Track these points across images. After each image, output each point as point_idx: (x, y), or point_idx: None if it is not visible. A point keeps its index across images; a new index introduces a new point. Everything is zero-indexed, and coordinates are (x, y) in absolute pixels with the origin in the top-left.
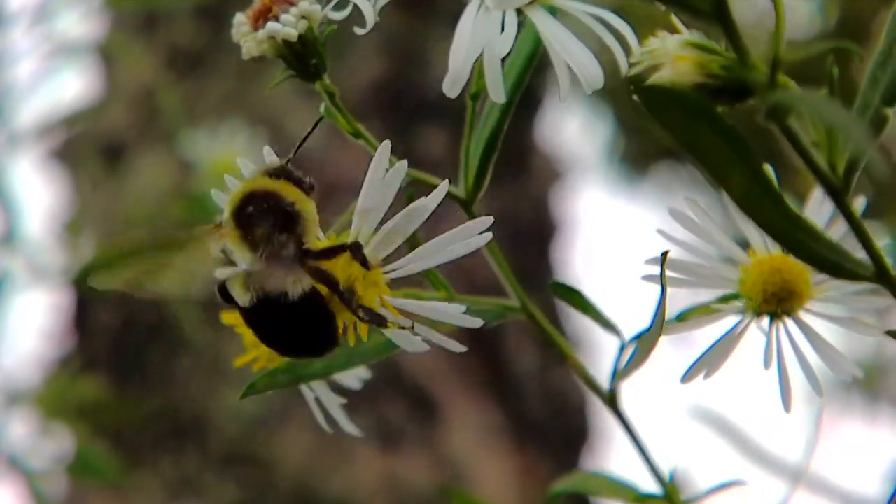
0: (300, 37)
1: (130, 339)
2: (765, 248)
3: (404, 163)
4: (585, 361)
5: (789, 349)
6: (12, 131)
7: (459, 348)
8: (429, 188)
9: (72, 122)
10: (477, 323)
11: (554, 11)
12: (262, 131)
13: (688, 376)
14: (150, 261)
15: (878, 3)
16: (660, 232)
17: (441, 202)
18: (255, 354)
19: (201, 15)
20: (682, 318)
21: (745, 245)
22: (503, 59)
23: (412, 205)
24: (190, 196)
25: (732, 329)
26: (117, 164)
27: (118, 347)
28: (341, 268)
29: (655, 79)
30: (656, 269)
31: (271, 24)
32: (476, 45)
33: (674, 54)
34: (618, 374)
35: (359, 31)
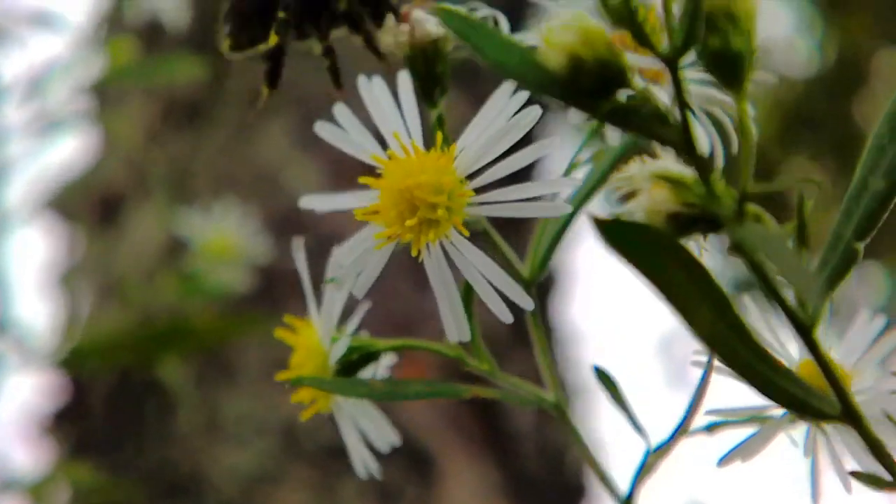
0: (434, 41)
1: (126, 395)
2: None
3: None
4: (584, 411)
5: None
6: (4, 210)
7: (529, 304)
8: None
9: (67, 181)
10: (529, 304)
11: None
12: (260, 186)
13: (725, 461)
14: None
15: (877, 42)
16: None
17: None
18: (296, 373)
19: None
20: (713, 429)
21: None
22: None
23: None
24: (182, 274)
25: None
26: (113, 217)
27: (113, 404)
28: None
29: (632, 206)
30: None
31: (416, 15)
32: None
33: (651, 182)
34: (638, 480)
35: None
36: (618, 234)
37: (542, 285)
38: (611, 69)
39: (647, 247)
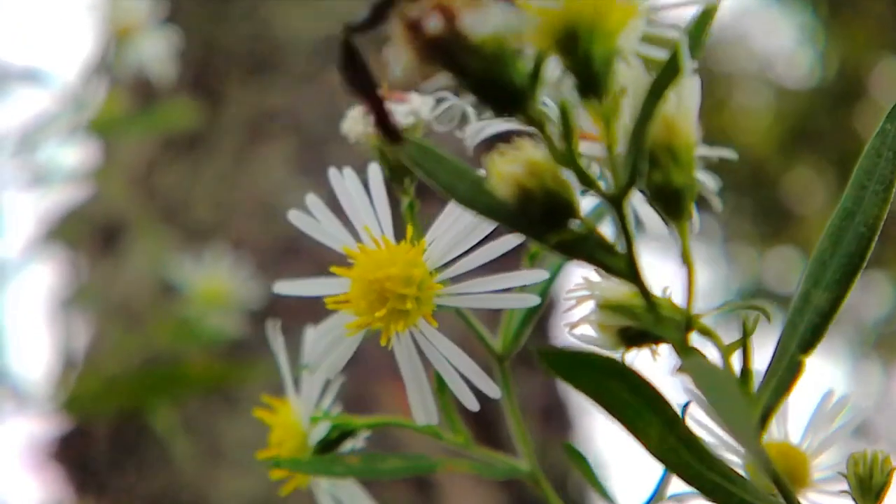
0: (404, 131)
1: (128, 422)
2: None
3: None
4: (588, 431)
5: None
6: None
7: (496, 393)
8: None
9: (68, 211)
10: (496, 393)
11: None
12: (258, 213)
13: None
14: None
15: (878, 54)
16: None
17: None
18: (276, 451)
19: (199, 95)
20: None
21: None
22: None
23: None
24: (176, 320)
25: None
26: (115, 244)
27: (116, 431)
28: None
29: (584, 321)
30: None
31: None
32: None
33: (603, 297)
34: None
35: (460, 135)
36: (564, 364)
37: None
38: (558, 201)
39: (592, 373)
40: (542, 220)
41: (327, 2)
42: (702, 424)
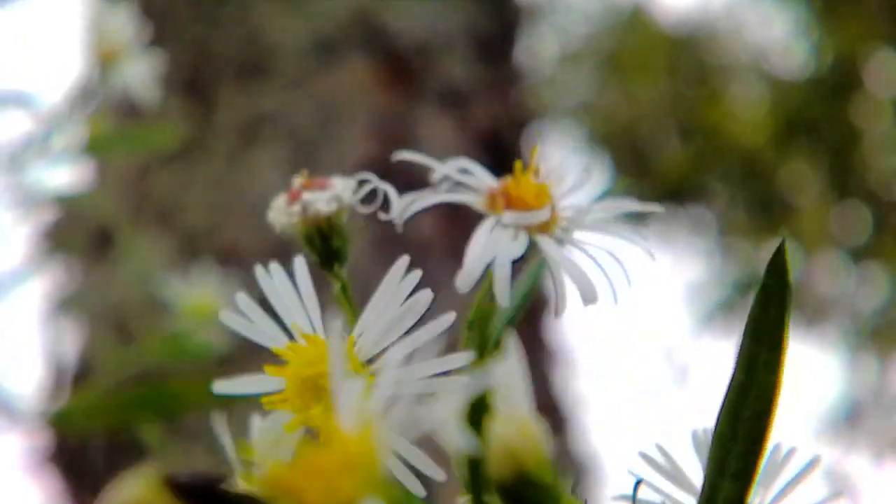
0: (328, 218)
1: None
2: None
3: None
4: (580, 425)
5: None
6: None
7: (440, 476)
8: None
9: (61, 213)
10: (440, 476)
11: (560, 241)
12: (251, 217)
13: None
14: None
15: (873, 45)
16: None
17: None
18: None
19: (191, 99)
20: None
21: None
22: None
23: (414, 303)
24: (165, 336)
25: None
26: (108, 249)
27: (114, 431)
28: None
29: None
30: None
31: (305, 197)
32: (490, 249)
33: None
34: None
35: (383, 216)
36: None
37: (533, 310)
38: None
39: None
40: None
41: (317, 6)
42: None
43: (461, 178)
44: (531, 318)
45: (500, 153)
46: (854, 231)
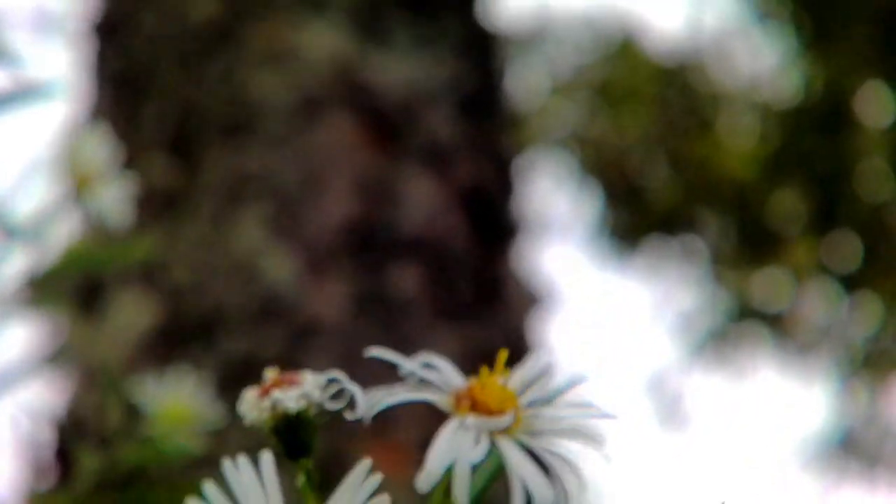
0: (296, 414)
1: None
2: None
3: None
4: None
5: None
6: None
7: None
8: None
9: (46, 269)
10: None
11: (520, 445)
12: (237, 275)
13: None
14: None
15: (863, 75)
16: None
17: None
18: None
19: (176, 156)
20: None
21: None
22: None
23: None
24: (139, 440)
25: None
26: (95, 303)
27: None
28: None
29: None
30: None
31: (276, 395)
32: (452, 451)
33: None
34: None
35: (350, 416)
36: None
37: (518, 362)
38: None
39: None
40: None
41: (301, 63)
42: None
43: (428, 375)
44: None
45: (484, 210)
46: (845, 260)
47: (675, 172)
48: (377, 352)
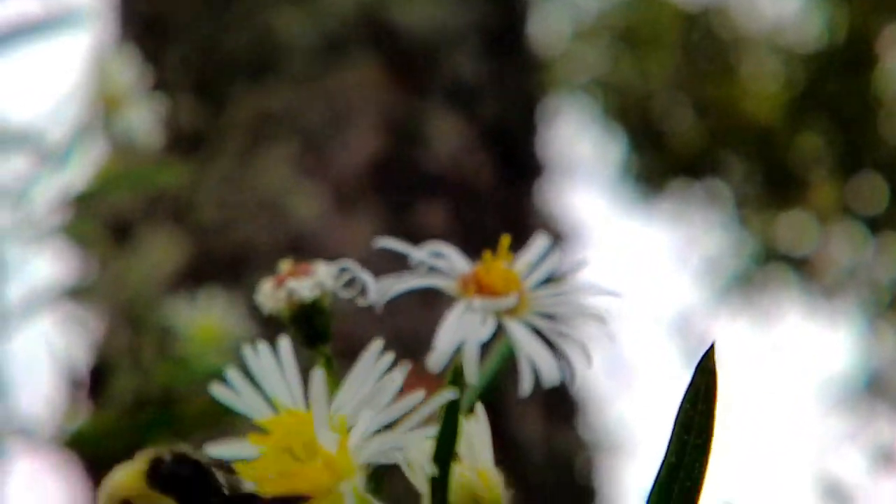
0: (311, 303)
1: None
2: None
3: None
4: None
5: None
6: (3, 309)
7: None
8: None
9: (77, 207)
10: None
11: (526, 325)
12: (263, 212)
13: None
14: None
15: (886, 19)
16: None
17: None
18: None
19: (201, 98)
20: None
21: None
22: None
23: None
24: (172, 361)
25: None
26: (124, 242)
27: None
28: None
29: None
30: None
31: (291, 284)
32: (460, 332)
33: None
34: None
35: (362, 303)
36: None
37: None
38: None
39: None
40: None
41: (326, 4)
42: None
43: (436, 262)
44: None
45: (509, 148)
46: (870, 202)
47: (699, 117)
48: (386, 241)
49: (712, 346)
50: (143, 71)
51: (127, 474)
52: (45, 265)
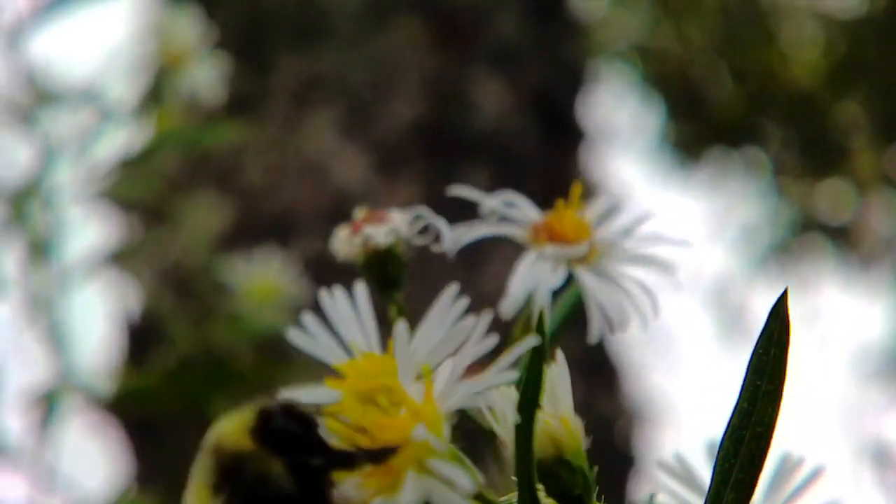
0: (386, 249)
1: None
2: None
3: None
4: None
5: None
6: (63, 267)
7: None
8: None
9: (123, 170)
10: None
11: (596, 273)
12: (309, 175)
13: None
14: None
15: None
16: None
17: None
18: None
19: (246, 61)
20: None
21: None
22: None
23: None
24: (227, 318)
25: None
26: (169, 207)
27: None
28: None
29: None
30: None
31: (367, 230)
32: (532, 279)
33: None
34: None
35: (437, 248)
36: None
37: None
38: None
39: None
40: None
41: None
42: None
43: (507, 211)
44: None
45: (551, 112)
46: None
47: (738, 83)
48: (459, 189)
49: (785, 293)
50: (204, 29)
51: (230, 424)
52: (101, 224)
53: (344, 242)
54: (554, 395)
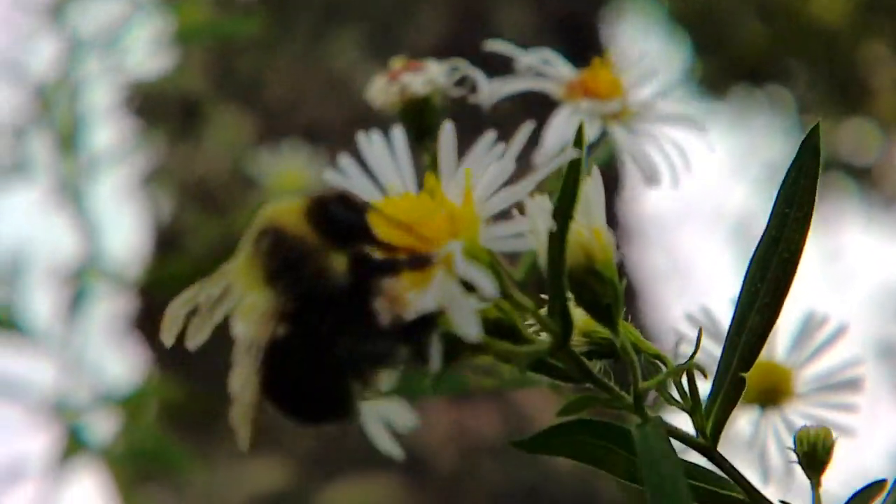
0: (423, 98)
1: None
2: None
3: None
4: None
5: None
6: (90, 156)
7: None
8: None
9: (148, 87)
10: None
11: (629, 130)
12: (333, 93)
13: None
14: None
15: None
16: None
17: None
18: None
19: None
20: None
21: None
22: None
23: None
24: (253, 209)
25: None
26: (194, 122)
27: None
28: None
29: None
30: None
31: (405, 78)
32: (567, 132)
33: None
34: None
35: (472, 99)
36: (541, 445)
37: (610, 187)
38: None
39: (565, 446)
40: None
41: None
42: None
43: (543, 68)
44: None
45: (577, 34)
46: None
47: (763, 21)
48: (495, 45)
49: (817, 126)
50: None
51: (284, 207)
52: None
53: (381, 91)
54: (588, 208)
